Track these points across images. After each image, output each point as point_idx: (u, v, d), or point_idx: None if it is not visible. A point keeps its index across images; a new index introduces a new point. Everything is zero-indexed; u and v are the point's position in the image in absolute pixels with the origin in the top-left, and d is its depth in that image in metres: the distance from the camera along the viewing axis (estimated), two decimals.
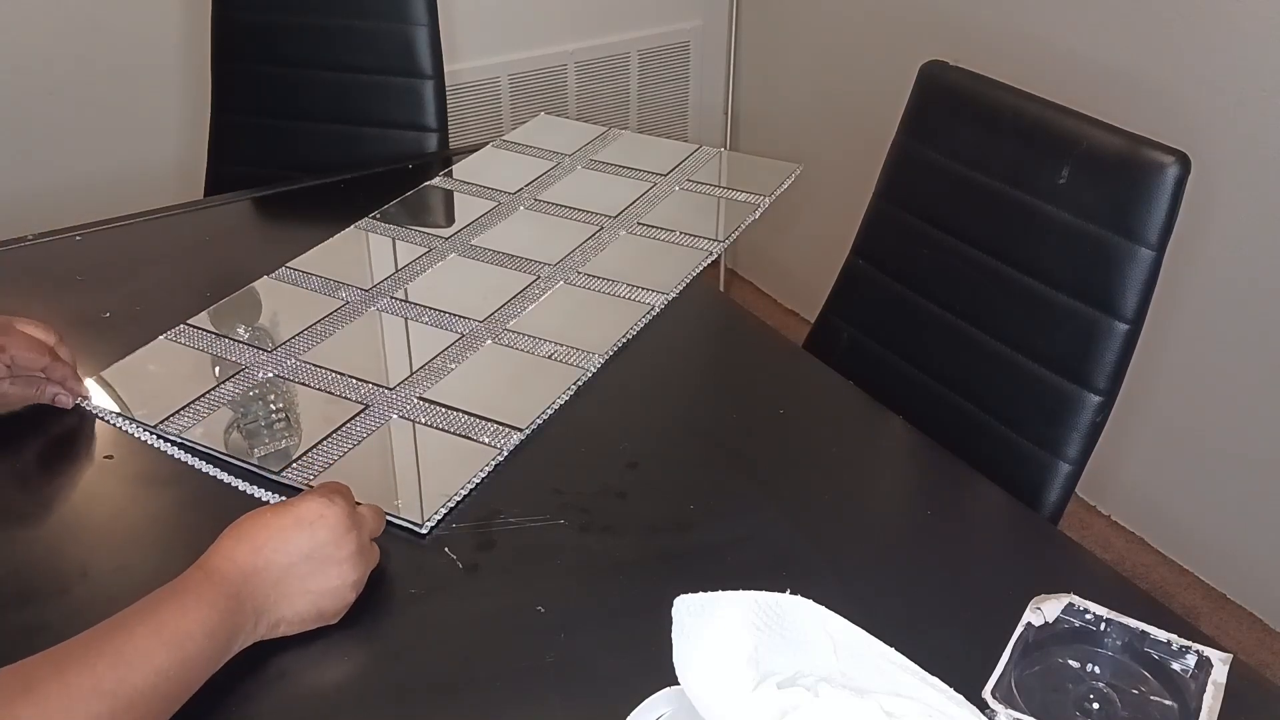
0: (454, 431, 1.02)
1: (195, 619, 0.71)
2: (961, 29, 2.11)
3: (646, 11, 2.53)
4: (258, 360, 1.11)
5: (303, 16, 1.68)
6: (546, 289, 1.24)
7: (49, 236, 1.35)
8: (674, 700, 0.70)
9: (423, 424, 1.03)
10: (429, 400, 1.06)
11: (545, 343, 1.14)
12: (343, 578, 0.78)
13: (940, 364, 1.26)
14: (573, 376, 1.09)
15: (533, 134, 1.63)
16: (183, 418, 1.02)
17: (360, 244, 1.34)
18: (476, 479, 0.96)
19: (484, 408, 1.04)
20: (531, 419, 1.03)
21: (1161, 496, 2.03)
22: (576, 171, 1.51)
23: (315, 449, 0.99)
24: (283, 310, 1.20)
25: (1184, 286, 1.84)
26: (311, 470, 0.96)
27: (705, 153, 1.56)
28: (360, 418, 1.03)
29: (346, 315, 1.19)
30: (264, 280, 1.25)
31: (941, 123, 1.29)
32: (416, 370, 1.10)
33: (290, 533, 0.77)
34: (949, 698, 0.67)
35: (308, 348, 1.13)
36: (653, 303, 1.21)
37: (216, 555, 0.76)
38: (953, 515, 0.98)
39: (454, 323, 1.18)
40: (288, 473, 0.96)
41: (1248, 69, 1.69)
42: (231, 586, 0.74)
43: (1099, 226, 1.11)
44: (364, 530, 0.81)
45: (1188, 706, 0.72)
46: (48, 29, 1.97)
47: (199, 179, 1.78)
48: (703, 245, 1.32)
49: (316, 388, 1.07)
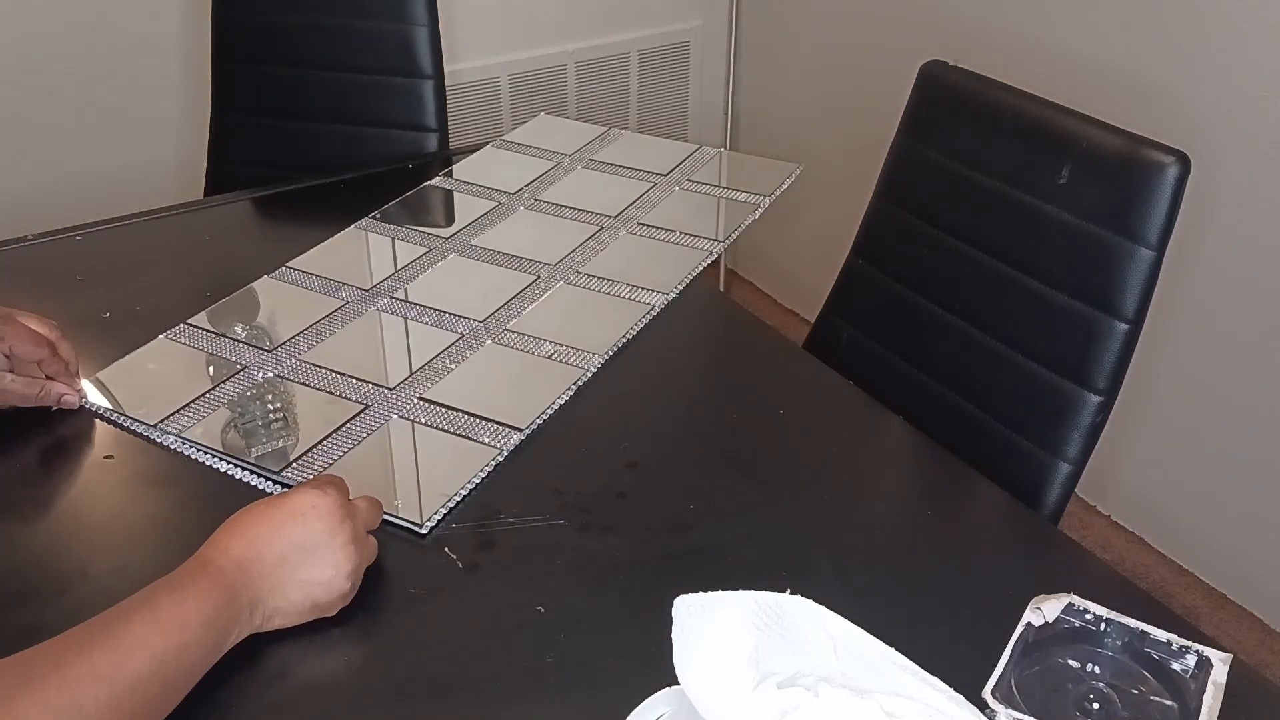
0: (454, 431, 1.02)
1: (192, 608, 0.72)
2: (961, 29, 2.11)
3: (646, 11, 2.53)
4: (258, 360, 1.11)
5: (303, 16, 1.68)
6: (547, 289, 1.24)
7: (49, 236, 1.35)
8: (674, 700, 0.70)
9: (422, 424, 1.03)
10: (429, 400, 1.06)
11: (545, 343, 1.14)
12: (336, 568, 0.78)
13: (940, 364, 1.26)
14: (573, 376, 1.09)
15: (533, 134, 1.63)
16: (183, 417, 1.02)
17: (360, 244, 1.34)
18: (476, 479, 0.96)
19: (484, 408, 1.04)
20: (531, 419, 1.03)
21: (1161, 496, 2.03)
22: (576, 171, 1.51)
23: (315, 449, 0.99)
24: (283, 310, 1.20)
25: (1184, 286, 1.84)
26: (311, 470, 0.96)
27: (705, 153, 1.56)
28: (360, 418, 1.03)
29: (346, 315, 1.19)
30: (264, 280, 1.25)
31: (941, 123, 1.29)
32: (416, 370, 1.10)
33: (283, 524, 0.77)
34: (949, 698, 0.67)
35: (308, 348, 1.13)
36: (653, 303, 1.21)
37: (212, 548, 0.76)
38: (953, 515, 0.98)
39: (454, 323, 1.18)
40: (287, 472, 0.96)
41: (1248, 69, 1.69)
42: (226, 578, 0.74)
43: (1099, 226, 1.11)
44: (358, 521, 0.81)
45: (1188, 706, 0.72)
46: (48, 29, 1.97)
47: (199, 179, 1.78)
48: (703, 245, 1.32)
49: (316, 387, 1.07)
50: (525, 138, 1.61)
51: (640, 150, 1.57)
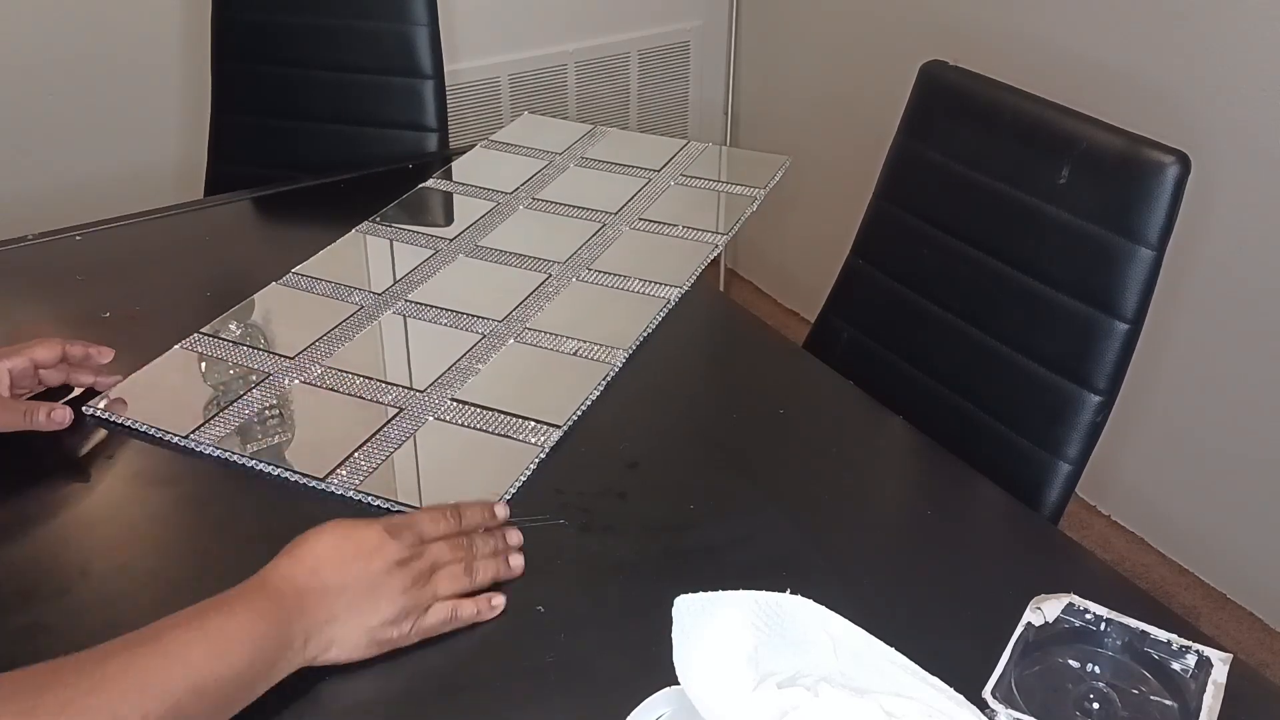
0: (492, 431, 1.02)
1: (242, 623, 0.70)
2: (961, 29, 2.11)
3: (646, 11, 2.53)
4: (281, 367, 1.10)
5: (303, 16, 1.68)
6: (560, 287, 1.24)
7: (49, 236, 1.35)
8: (674, 700, 0.70)
9: (460, 425, 1.03)
10: (462, 401, 1.05)
11: (568, 339, 1.14)
12: (380, 616, 0.76)
13: (940, 364, 1.26)
14: (601, 371, 1.10)
15: (519, 134, 1.63)
16: (214, 427, 1.01)
17: (363, 248, 1.34)
18: (524, 477, 0.96)
19: (519, 406, 1.04)
20: (568, 415, 1.03)
21: (1161, 496, 2.03)
22: (570, 170, 1.51)
23: (358, 452, 0.98)
24: (296, 317, 1.19)
25: (1184, 286, 1.84)
26: (359, 474, 0.95)
27: (694, 147, 1.57)
28: (396, 421, 1.02)
29: (363, 320, 1.18)
30: (272, 287, 1.23)
31: (941, 123, 1.29)
32: (444, 372, 1.10)
33: (349, 560, 0.76)
34: (949, 698, 0.67)
35: (329, 353, 1.12)
36: (668, 295, 1.22)
37: (274, 573, 0.75)
38: (953, 515, 0.98)
39: (473, 323, 1.18)
40: (333, 478, 0.95)
41: (1248, 69, 1.69)
42: (285, 601, 0.73)
43: (1099, 226, 1.11)
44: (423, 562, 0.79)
45: (1188, 706, 0.72)
46: (48, 29, 1.97)
47: (199, 179, 1.78)
48: (706, 238, 1.34)
49: (345, 393, 1.07)
50: (513, 137, 1.62)
51: (629, 147, 1.58)
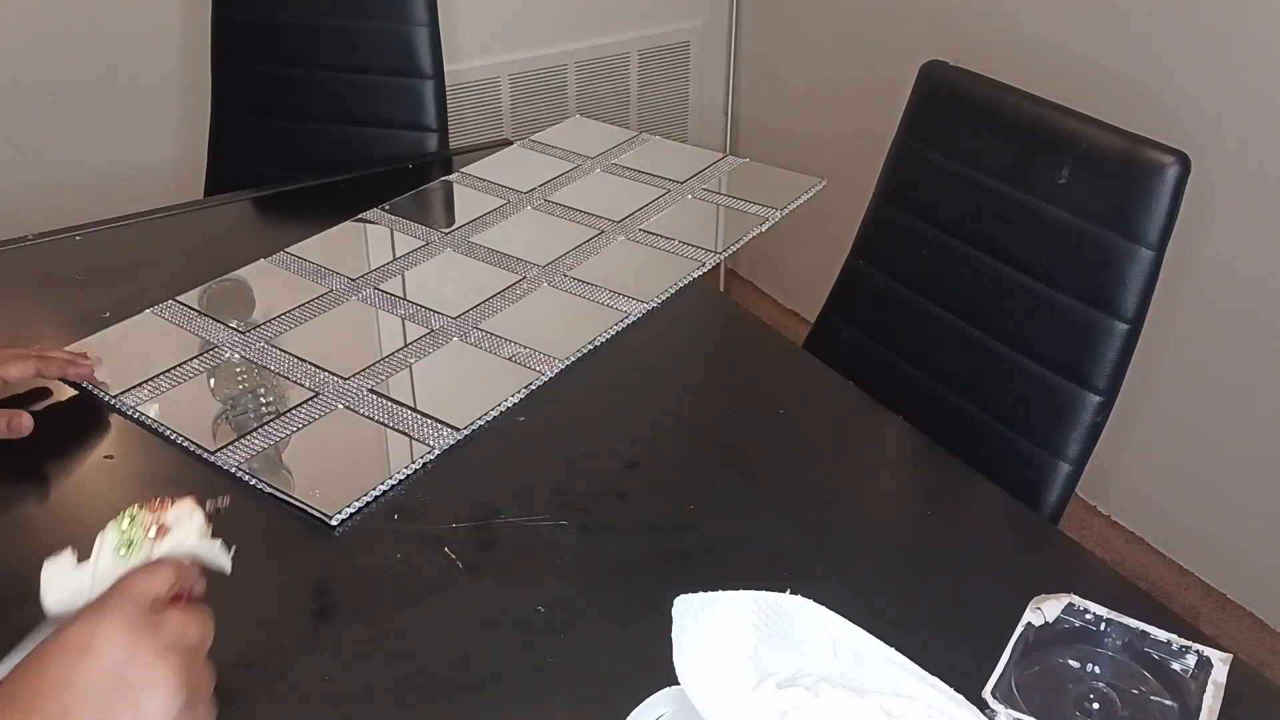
0: (393, 426, 1.02)
1: None
2: (961, 29, 2.11)
3: (646, 11, 2.53)
4: (230, 340, 1.13)
5: (303, 16, 1.68)
6: (529, 290, 1.24)
7: (49, 236, 1.35)
8: (674, 700, 0.70)
9: (365, 416, 1.03)
10: (378, 393, 1.06)
11: (509, 344, 1.14)
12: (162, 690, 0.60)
13: (940, 364, 1.26)
14: (525, 380, 1.09)
15: (561, 135, 1.63)
16: (142, 390, 1.05)
17: (362, 234, 1.36)
18: (398, 477, 0.96)
19: (429, 405, 1.05)
20: (471, 420, 1.03)
21: (1161, 496, 2.03)
22: (594, 174, 1.51)
23: (256, 432, 1.00)
24: (270, 294, 1.22)
25: (1184, 286, 1.84)
26: (250, 450, 0.98)
27: (729, 161, 1.55)
28: (309, 404, 1.04)
29: (328, 303, 1.20)
30: (260, 263, 1.28)
31: (941, 123, 1.28)
32: (374, 363, 1.10)
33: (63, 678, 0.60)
34: (949, 698, 0.67)
35: (280, 332, 1.15)
36: (630, 310, 1.20)
37: None
38: (953, 515, 0.98)
39: (427, 318, 1.18)
40: (222, 454, 0.97)
41: (1248, 69, 1.69)
42: None
43: (1099, 226, 1.11)
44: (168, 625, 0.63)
45: (1188, 706, 0.72)
46: (47, 29, 1.97)
47: (199, 179, 1.78)
48: (698, 256, 1.31)
49: (276, 371, 1.09)
50: (554, 139, 1.61)
51: (665, 156, 1.56)
